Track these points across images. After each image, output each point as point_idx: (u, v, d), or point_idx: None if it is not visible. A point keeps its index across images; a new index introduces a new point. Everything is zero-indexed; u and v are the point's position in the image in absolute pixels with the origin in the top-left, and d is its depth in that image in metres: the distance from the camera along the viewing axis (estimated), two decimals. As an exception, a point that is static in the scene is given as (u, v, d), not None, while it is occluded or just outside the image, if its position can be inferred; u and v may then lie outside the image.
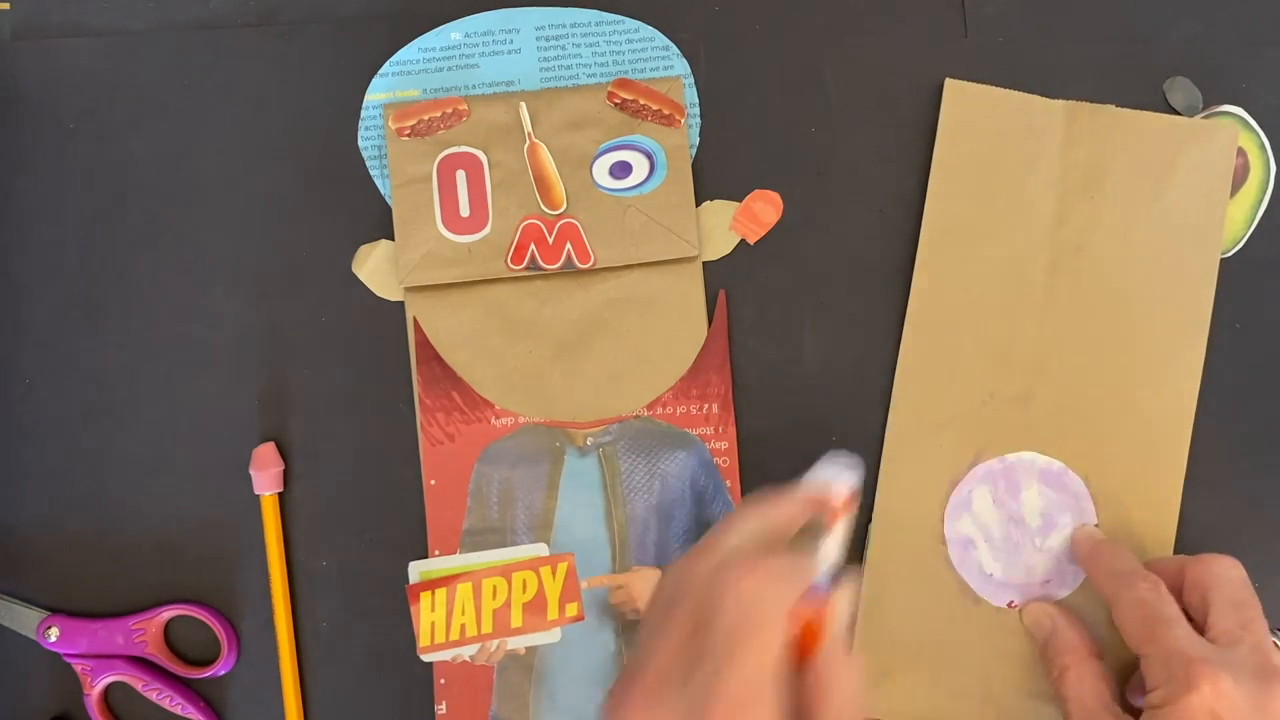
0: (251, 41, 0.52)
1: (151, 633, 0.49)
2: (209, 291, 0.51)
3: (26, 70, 0.52)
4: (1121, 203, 0.51)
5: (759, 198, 0.52)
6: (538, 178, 0.50)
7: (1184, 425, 0.51)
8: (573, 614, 0.49)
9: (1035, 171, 0.51)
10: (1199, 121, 0.52)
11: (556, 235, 0.50)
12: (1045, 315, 0.51)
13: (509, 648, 0.49)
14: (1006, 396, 0.50)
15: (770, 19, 0.52)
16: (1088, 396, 0.50)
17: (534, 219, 0.50)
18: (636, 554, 0.50)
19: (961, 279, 0.51)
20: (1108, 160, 0.51)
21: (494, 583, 0.49)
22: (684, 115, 0.51)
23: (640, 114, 0.50)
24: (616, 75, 0.51)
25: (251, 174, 0.52)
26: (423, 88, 0.52)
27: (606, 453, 0.50)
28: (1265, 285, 0.52)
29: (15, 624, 0.50)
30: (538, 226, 0.50)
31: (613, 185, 0.50)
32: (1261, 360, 0.52)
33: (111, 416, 0.51)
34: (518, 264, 0.50)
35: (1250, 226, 0.52)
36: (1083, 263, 0.51)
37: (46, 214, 0.52)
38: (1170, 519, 0.50)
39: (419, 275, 0.50)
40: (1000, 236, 0.51)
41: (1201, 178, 0.51)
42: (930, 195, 0.51)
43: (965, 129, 0.51)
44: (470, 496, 0.50)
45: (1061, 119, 0.51)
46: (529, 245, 0.50)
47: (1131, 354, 0.51)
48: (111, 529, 0.51)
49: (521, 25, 0.52)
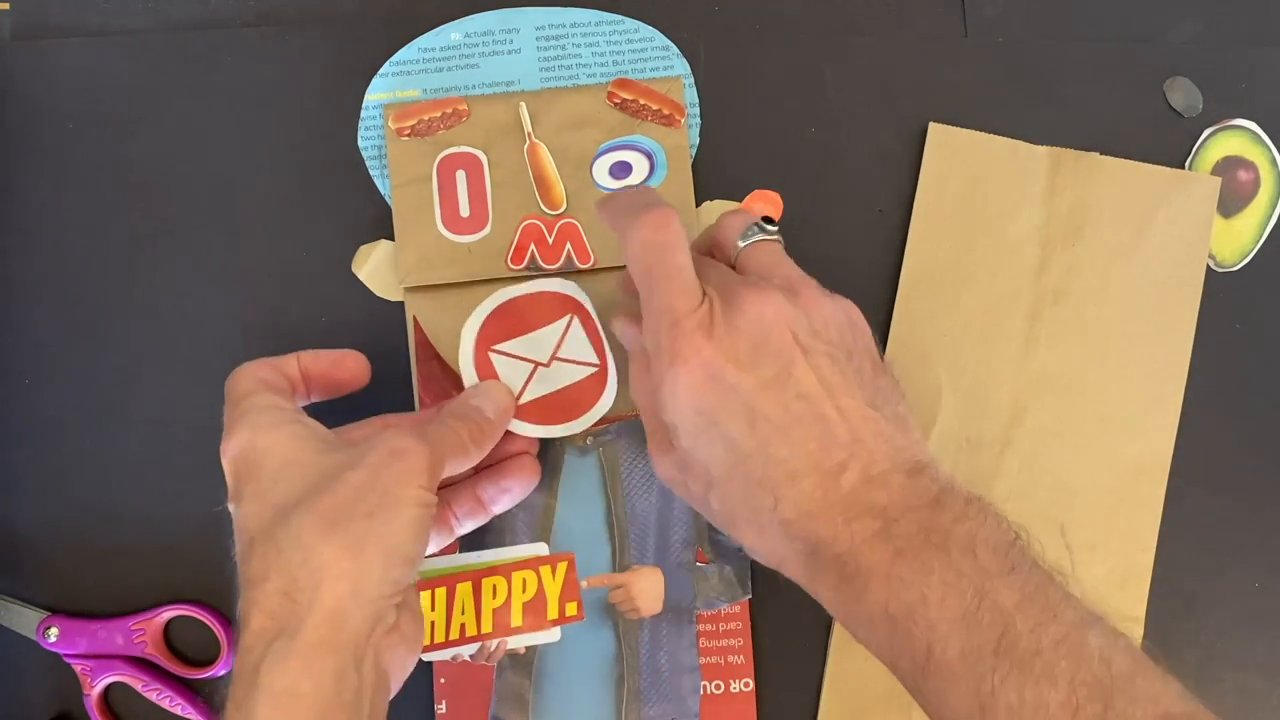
0: (251, 41, 0.52)
1: (151, 633, 0.49)
2: (209, 291, 0.51)
3: (26, 70, 0.52)
4: (1102, 251, 0.51)
5: (759, 198, 0.52)
6: (537, 178, 0.50)
7: (1159, 475, 0.51)
8: (572, 613, 0.49)
9: (1017, 218, 0.51)
10: (1181, 173, 0.52)
11: (556, 235, 0.50)
12: (1024, 362, 0.51)
13: (509, 647, 0.49)
14: (983, 442, 0.50)
15: (770, 19, 0.52)
16: (1065, 445, 0.50)
17: (534, 219, 0.50)
18: (636, 553, 0.50)
19: (941, 324, 0.51)
20: (1090, 208, 0.51)
21: (493, 582, 0.49)
22: (684, 115, 0.51)
23: (640, 114, 0.50)
24: (616, 75, 0.51)
25: (251, 174, 0.52)
26: (422, 88, 0.52)
27: (607, 452, 0.50)
28: (1272, 300, 0.52)
29: (15, 624, 0.50)
30: (538, 227, 0.50)
31: (613, 185, 0.50)
32: (1266, 373, 0.52)
33: (111, 416, 0.51)
34: (518, 264, 0.50)
35: (1259, 241, 0.52)
36: (1063, 310, 0.51)
37: (46, 214, 0.52)
38: (1144, 569, 0.50)
39: (419, 275, 0.50)
40: (981, 282, 0.51)
41: (1182, 228, 0.51)
42: (911, 239, 0.51)
43: (948, 173, 0.51)
44: (470, 497, 0.50)
45: (1045, 165, 0.51)
46: (529, 245, 0.50)
47: (1109, 403, 0.51)
48: (111, 529, 0.51)
49: (521, 25, 0.52)
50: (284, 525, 0.38)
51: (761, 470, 0.39)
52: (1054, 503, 0.50)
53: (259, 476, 0.40)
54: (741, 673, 0.49)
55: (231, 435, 0.41)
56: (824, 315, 0.40)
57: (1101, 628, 0.36)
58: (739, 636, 0.49)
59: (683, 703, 0.49)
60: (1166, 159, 0.52)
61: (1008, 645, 0.35)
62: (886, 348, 0.51)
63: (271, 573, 0.37)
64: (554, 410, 0.48)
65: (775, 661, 0.49)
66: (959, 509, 0.37)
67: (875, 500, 0.38)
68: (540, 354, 0.49)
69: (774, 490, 0.39)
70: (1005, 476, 0.50)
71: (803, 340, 0.39)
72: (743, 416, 0.39)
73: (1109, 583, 0.50)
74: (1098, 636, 0.35)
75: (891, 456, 0.39)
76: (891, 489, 0.38)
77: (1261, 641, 0.51)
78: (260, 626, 0.37)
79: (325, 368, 0.46)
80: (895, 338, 0.51)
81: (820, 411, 0.39)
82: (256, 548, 0.38)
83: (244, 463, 0.41)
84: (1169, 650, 0.50)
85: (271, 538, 0.38)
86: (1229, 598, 0.51)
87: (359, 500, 0.38)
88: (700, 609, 0.49)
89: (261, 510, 0.39)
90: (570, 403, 0.48)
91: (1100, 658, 0.35)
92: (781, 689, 0.50)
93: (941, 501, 0.38)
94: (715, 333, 0.39)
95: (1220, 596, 0.51)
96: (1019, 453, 0.50)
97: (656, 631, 0.49)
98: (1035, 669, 0.34)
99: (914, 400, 0.50)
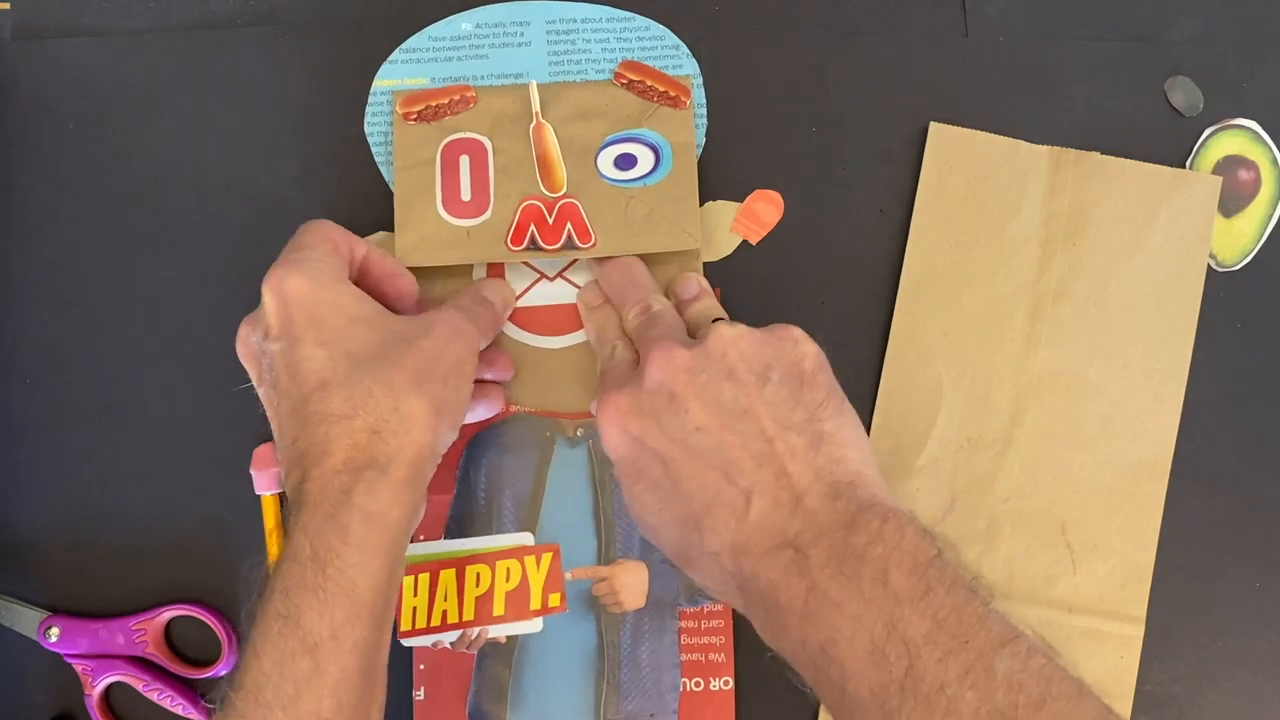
0: (251, 41, 0.52)
1: (152, 633, 0.49)
2: (209, 291, 0.51)
3: (26, 70, 0.52)
4: (1103, 251, 0.51)
5: (760, 198, 0.52)
6: (540, 157, 0.50)
7: (1160, 474, 0.51)
8: (555, 604, 0.49)
9: (1018, 217, 0.51)
10: (1182, 172, 0.51)
11: (556, 215, 0.49)
12: (1025, 362, 0.51)
13: (490, 636, 0.49)
14: (984, 442, 0.50)
15: (771, 19, 0.52)
16: (1066, 444, 0.50)
17: (534, 199, 0.50)
18: (622, 547, 0.50)
19: (942, 323, 0.51)
20: (1090, 208, 0.51)
21: (477, 570, 0.49)
22: (689, 95, 0.51)
23: (647, 95, 0.50)
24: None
25: (252, 173, 0.52)
26: (431, 76, 0.52)
27: (596, 444, 0.50)
28: (1272, 300, 0.52)
29: (15, 624, 0.50)
30: (537, 207, 0.50)
31: (617, 176, 0.50)
32: (1266, 373, 0.52)
33: (111, 416, 0.51)
34: (517, 245, 0.49)
35: (1260, 241, 0.52)
36: (1063, 310, 0.51)
37: (46, 214, 0.51)
38: (1145, 569, 0.50)
39: (416, 256, 0.49)
40: (981, 282, 0.51)
41: (1183, 228, 0.51)
42: (911, 238, 0.51)
43: (949, 173, 0.51)
44: (458, 483, 0.50)
45: (1046, 165, 0.51)
46: (529, 226, 0.49)
47: (1110, 402, 0.51)
48: (111, 529, 0.50)
49: (532, 18, 0.52)
50: (372, 373, 0.41)
51: (684, 508, 0.41)
52: (1055, 502, 0.50)
53: (324, 326, 0.42)
54: (722, 671, 0.49)
55: (287, 276, 0.43)
56: (724, 346, 0.42)
57: (1016, 648, 0.35)
58: (720, 635, 0.49)
59: (662, 698, 0.49)
60: (1167, 159, 0.52)
61: (913, 681, 0.35)
62: (887, 348, 0.51)
63: (360, 411, 0.41)
64: (544, 322, 0.50)
65: (756, 661, 0.49)
66: (874, 529, 0.37)
67: (787, 529, 0.39)
68: (548, 269, 0.51)
69: (697, 523, 0.40)
70: (1006, 476, 0.50)
71: (700, 375, 0.41)
72: (656, 460, 0.41)
73: (1109, 583, 0.50)
74: (1009, 660, 0.35)
75: (806, 477, 0.39)
76: (804, 514, 0.39)
77: (1261, 641, 0.51)
78: (348, 456, 0.40)
79: (381, 272, 0.47)
80: (896, 337, 0.51)
81: (720, 439, 0.40)
82: (337, 388, 0.41)
83: (301, 308, 0.42)
84: (1169, 650, 0.50)
85: (358, 382, 0.41)
86: (1229, 598, 0.51)
87: (435, 365, 0.43)
88: (683, 605, 0.49)
89: (334, 356, 0.42)
90: (562, 319, 0.50)
91: (1009, 685, 0.34)
92: (761, 688, 0.50)
93: (856, 523, 0.38)
94: (625, 389, 0.43)
95: (1220, 596, 0.51)
96: (1020, 452, 0.50)
97: (639, 626, 0.49)
98: (940, 705, 0.34)
99: (915, 400, 0.50)
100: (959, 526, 0.50)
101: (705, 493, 0.40)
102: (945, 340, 0.51)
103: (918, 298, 0.51)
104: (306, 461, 0.41)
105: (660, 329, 0.45)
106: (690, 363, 0.41)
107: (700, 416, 0.41)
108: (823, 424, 0.41)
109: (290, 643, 0.38)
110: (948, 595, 0.36)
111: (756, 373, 0.41)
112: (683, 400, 0.41)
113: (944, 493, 0.50)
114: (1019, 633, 0.36)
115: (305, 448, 0.41)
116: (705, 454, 0.40)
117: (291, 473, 0.41)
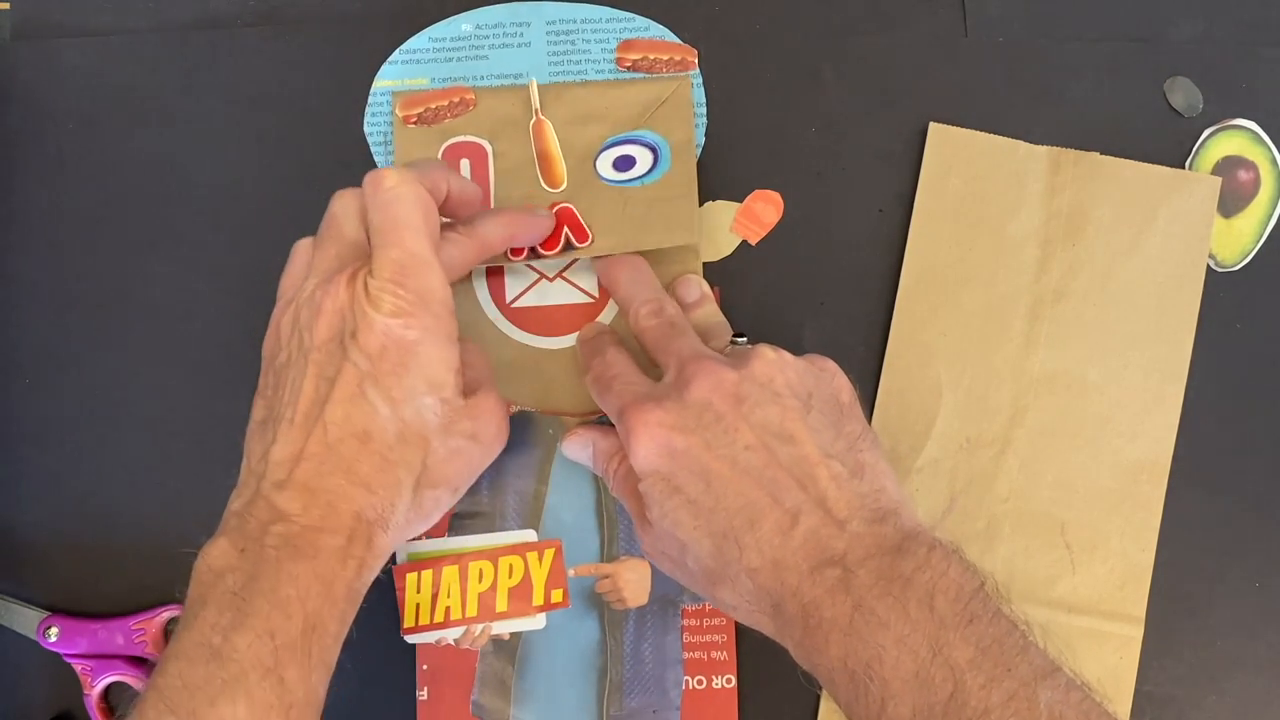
0: (252, 41, 0.52)
1: (152, 633, 0.49)
2: (209, 291, 0.51)
3: (26, 70, 0.52)
4: (1102, 251, 0.51)
5: (760, 198, 0.52)
6: (540, 153, 0.50)
7: (1160, 475, 0.50)
8: (558, 601, 0.49)
9: (1018, 218, 0.51)
10: (1182, 173, 0.51)
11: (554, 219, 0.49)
12: (1024, 362, 0.51)
13: (493, 632, 0.49)
14: (984, 442, 0.50)
15: (770, 19, 0.52)
16: (1065, 444, 0.50)
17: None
18: (625, 544, 0.50)
19: (941, 323, 0.51)
20: (1090, 208, 0.51)
21: (480, 566, 0.49)
22: (695, 55, 0.51)
23: (654, 68, 0.50)
24: (625, 74, 0.51)
25: (251, 173, 0.52)
26: (431, 76, 0.52)
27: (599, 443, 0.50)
28: (1272, 300, 0.52)
29: (15, 624, 0.50)
30: None
31: (615, 177, 0.50)
32: (1266, 373, 0.52)
33: (111, 416, 0.51)
34: (516, 256, 0.49)
35: (1259, 241, 0.52)
36: (1063, 310, 0.51)
37: (46, 214, 0.52)
38: (1144, 569, 0.50)
39: None
40: (981, 282, 0.51)
41: (1182, 228, 0.51)
42: (911, 238, 0.51)
43: (948, 173, 0.51)
44: (462, 479, 0.50)
45: (1045, 165, 0.51)
46: None
47: (1109, 403, 0.50)
48: (111, 529, 0.51)
49: (533, 19, 0.52)
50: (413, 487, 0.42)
51: (724, 523, 0.40)
52: (1054, 502, 0.50)
53: (405, 375, 0.41)
54: (724, 669, 0.49)
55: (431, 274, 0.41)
56: (770, 370, 0.42)
57: (1056, 681, 0.36)
58: (723, 632, 0.49)
59: (664, 695, 0.49)
60: (1167, 159, 0.52)
61: (957, 705, 0.35)
62: (887, 348, 0.51)
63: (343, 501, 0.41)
64: (544, 323, 0.50)
65: (758, 659, 0.49)
66: (921, 556, 0.38)
67: (834, 547, 0.39)
68: (548, 269, 0.51)
69: (737, 539, 0.40)
70: (1005, 476, 0.50)
71: (748, 399, 0.41)
72: (698, 476, 0.41)
73: (1109, 583, 0.50)
74: (1050, 691, 0.35)
75: (851, 503, 0.40)
76: (850, 536, 0.39)
77: (1261, 641, 0.51)
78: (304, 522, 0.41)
79: (461, 198, 0.45)
80: (895, 337, 0.51)
81: (769, 460, 0.40)
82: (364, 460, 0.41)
83: (396, 349, 0.41)
84: (1169, 650, 0.50)
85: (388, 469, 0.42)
86: (1229, 598, 0.51)
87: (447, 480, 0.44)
88: (686, 603, 0.49)
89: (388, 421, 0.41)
90: (562, 320, 0.50)
91: (1050, 715, 0.35)
92: (763, 687, 0.50)
93: (904, 549, 0.38)
94: (665, 404, 0.42)
95: (1220, 596, 0.51)
96: (1019, 452, 0.50)
97: (641, 623, 0.49)
98: None
99: (914, 400, 0.50)
100: (958, 527, 0.50)
101: (750, 510, 0.40)
102: (945, 340, 0.51)
103: (917, 298, 0.51)
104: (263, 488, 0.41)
105: (686, 341, 0.45)
106: (738, 386, 0.42)
107: (749, 436, 0.41)
108: (862, 454, 0.42)
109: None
110: (990, 625, 0.37)
111: (800, 399, 0.42)
112: (731, 421, 0.41)
113: (943, 493, 0.50)
114: (1058, 666, 0.37)
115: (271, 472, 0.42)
116: (752, 472, 0.40)
117: (245, 485, 0.42)
